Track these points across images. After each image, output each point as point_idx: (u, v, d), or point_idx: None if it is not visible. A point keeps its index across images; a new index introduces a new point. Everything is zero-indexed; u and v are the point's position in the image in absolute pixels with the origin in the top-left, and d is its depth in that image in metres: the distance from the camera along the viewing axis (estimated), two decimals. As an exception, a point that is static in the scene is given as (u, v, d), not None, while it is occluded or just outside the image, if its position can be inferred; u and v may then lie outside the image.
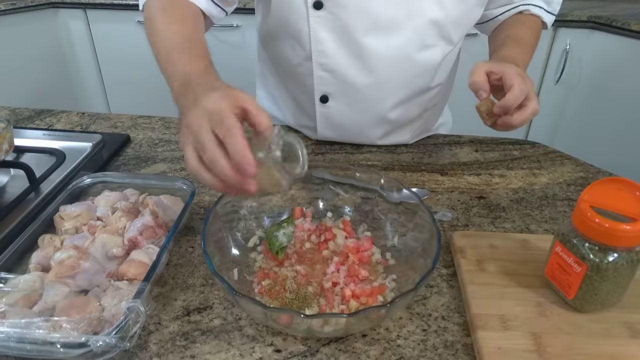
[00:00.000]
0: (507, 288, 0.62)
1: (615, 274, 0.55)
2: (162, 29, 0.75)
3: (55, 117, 1.13)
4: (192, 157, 0.54)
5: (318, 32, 0.87)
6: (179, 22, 0.76)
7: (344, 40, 0.87)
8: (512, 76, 0.70)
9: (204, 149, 0.52)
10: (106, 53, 2.35)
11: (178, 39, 0.72)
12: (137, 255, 0.65)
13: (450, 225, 0.78)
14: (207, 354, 0.57)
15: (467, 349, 0.57)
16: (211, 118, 0.53)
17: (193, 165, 0.54)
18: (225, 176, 0.52)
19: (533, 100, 0.72)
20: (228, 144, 0.51)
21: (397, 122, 0.97)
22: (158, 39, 0.74)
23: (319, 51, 0.89)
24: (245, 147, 0.50)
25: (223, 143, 0.52)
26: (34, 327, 0.53)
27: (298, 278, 0.65)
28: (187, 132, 0.55)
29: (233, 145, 0.51)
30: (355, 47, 0.87)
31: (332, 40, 0.87)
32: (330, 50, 0.88)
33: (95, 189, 0.80)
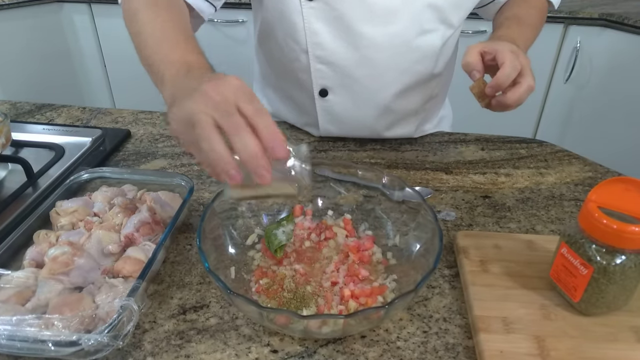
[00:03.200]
0: (510, 290, 0.61)
1: (623, 277, 0.53)
2: (148, 20, 0.69)
3: (56, 112, 1.12)
4: (207, 120, 0.47)
5: (313, 24, 0.85)
6: (166, 13, 0.71)
7: (339, 30, 0.85)
8: (504, 53, 0.69)
9: (228, 115, 0.47)
10: (111, 48, 2.35)
11: (169, 30, 0.67)
12: (133, 252, 0.64)
13: (454, 224, 0.77)
14: (202, 354, 0.56)
15: (468, 352, 0.56)
16: (238, 93, 0.48)
17: (207, 126, 0.47)
18: (247, 147, 0.46)
19: (527, 76, 0.70)
20: (259, 122, 0.47)
21: (400, 113, 0.96)
22: (144, 29, 0.68)
23: (315, 43, 0.87)
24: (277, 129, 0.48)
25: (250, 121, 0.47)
26: (25, 325, 0.52)
27: (296, 277, 0.64)
28: (203, 99, 0.48)
29: (266, 122, 0.47)
30: (351, 37, 0.85)
31: (327, 32, 0.86)
32: (326, 42, 0.87)
33: (93, 184, 0.79)
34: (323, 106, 0.95)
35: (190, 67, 0.58)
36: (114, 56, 2.37)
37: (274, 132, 0.47)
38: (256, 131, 0.47)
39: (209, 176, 0.87)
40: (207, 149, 0.48)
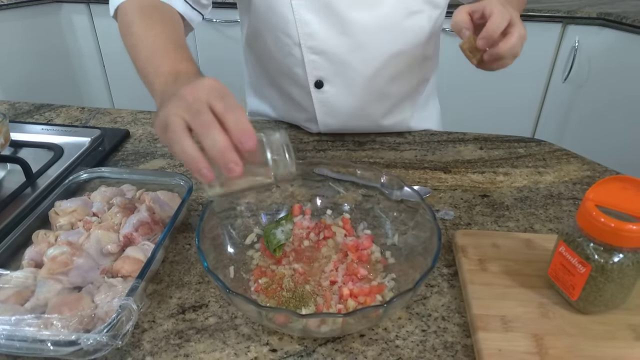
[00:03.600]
0: (509, 288, 0.61)
1: (621, 275, 0.53)
2: (142, 32, 0.72)
3: (55, 112, 1.12)
4: (177, 122, 0.49)
5: (303, 15, 0.86)
6: (159, 25, 0.74)
7: (329, 19, 0.86)
8: (492, 6, 0.68)
9: (198, 114, 0.48)
10: (110, 48, 2.35)
11: (160, 42, 0.69)
12: (132, 251, 0.64)
13: (452, 223, 0.77)
14: (201, 353, 0.56)
15: (467, 350, 0.56)
16: (211, 93, 0.50)
17: (177, 129, 0.49)
18: (216, 143, 0.47)
19: (517, 25, 0.69)
20: (229, 117, 0.48)
21: (395, 97, 0.97)
22: (139, 41, 0.71)
23: (306, 34, 0.88)
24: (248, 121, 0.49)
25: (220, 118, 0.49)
26: (24, 325, 0.52)
27: (295, 276, 0.64)
28: (177, 102, 0.50)
29: (236, 117, 0.48)
30: (341, 24, 0.86)
31: (318, 22, 0.86)
32: (317, 31, 0.87)
33: (92, 184, 0.79)
34: (320, 98, 0.95)
35: (178, 75, 0.60)
36: (113, 56, 2.37)
37: (243, 126, 0.48)
38: (225, 127, 0.48)
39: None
40: (179, 151, 0.49)
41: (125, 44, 0.75)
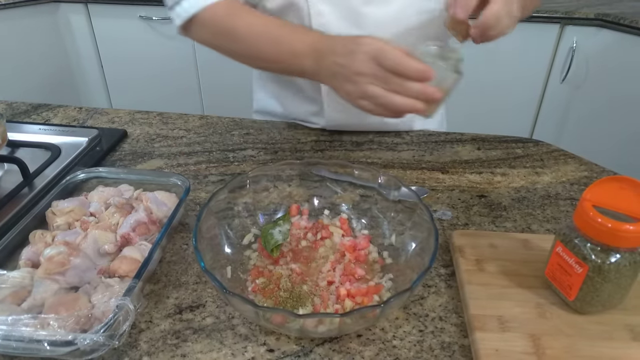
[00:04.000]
0: (506, 288, 0.61)
1: (618, 275, 0.53)
2: (248, 25, 0.79)
3: (52, 112, 1.12)
4: (381, 91, 0.65)
5: (317, 5, 0.86)
6: (256, 14, 0.81)
7: (343, 11, 0.86)
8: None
9: (388, 80, 0.64)
10: (108, 48, 2.35)
11: (273, 27, 0.79)
12: (129, 251, 0.64)
13: (450, 224, 0.77)
14: (198, 353, 0.56)
15: (464, 351, 0.56)
16: (376, 56, 0.64)
17: (385, 96, 0.65)
18: (417, 89, 0.63)
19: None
20: (402, 67, 0.63)
21: None
22: (249, 33, 0.79)
23: (320, 25, 0.87)
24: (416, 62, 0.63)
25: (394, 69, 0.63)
26: (21, 325, 0.52)
27: (293, 276, 0.64)
28: (360, 78, 0.66)
29: (407, 65, 0.63)
30: (355, 18, 0.86)
31: (331, 12, 0.87)
32: (331, 22, 0.87)
33: (89, 184, 0.79)
34: (329, 91, 0.94)
35: (317, 48, 0.73)
36: (111, 56, 2.37)
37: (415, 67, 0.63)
38: (403, 73, 0.64)
39: (206, 176, 0.87)
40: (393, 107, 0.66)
41: (228, 39, 0.82)
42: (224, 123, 1.07)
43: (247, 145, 0.98)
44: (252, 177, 0.72)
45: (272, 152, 0.96)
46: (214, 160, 0.92)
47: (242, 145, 0.98)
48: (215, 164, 0.91)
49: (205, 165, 0.91)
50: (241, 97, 2.36)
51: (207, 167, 0.90)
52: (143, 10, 2.16)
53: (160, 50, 2.27)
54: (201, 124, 1.06)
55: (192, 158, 0.93)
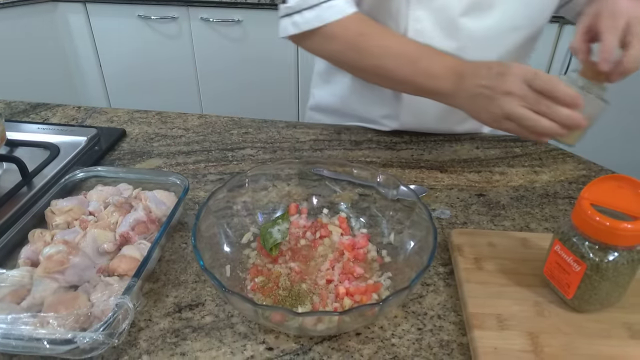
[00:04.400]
0: (504, 287, 0.61)
1: (615, 274, 0.53)
2: (384, 45, 0.80)
3: (51, 111, 1.12)
4: (528, 113, 0.66)
5: (417, 10, 0.85)
6: (390, 33, 0.81)
7: (440, 20, 0.85)
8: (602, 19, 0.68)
9: (537, 102, 0.65)
10: (107, 47, 2.34)
11: (409, 48, 0.79)
12: (128, 250, 0.64)
13: (448, 222, 0.77)
14: (197, 352, 0.56)
15: (462, 349, 0.56)
16: (525, 77, 0.66)
17: (533, 118, 0.66)
18: (565, 114, 0.64)
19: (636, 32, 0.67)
20: (554, 90, 0.64)
21: None
22: (385, 54, 0.80)
23: (415, 30, 0.86)
24: (567, 87, 0.64)
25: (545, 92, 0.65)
26: (20, 323, 0.52)
27: (292, 275, 0.64)
28: (509, 98, 0.67)
29: (559, 89, 0.64)
30: (451, 28, 0.86)
31: (429, 19, 0.85)
32: (427, 29, 0.86)
33: (88, 183, 0.79)
34: (410, 96, 0.93)
35: (460, 72, 0.74)
36: (109, 55, 2.36)
37: (566, 93, 0.64)
38: (554, 97, 0.64)
39: (205, 175, 0.87)
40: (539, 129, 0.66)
41: (360, 56, 0.81)
42: (222, 122, 1.07)
43: (245, 144, 0.98)
44: (251, 176, 0.72)
45: (271, 151, 0.96)
46: (213, 160, 0.93)
47: (241, 145, 0.98)
48: (214, 163, 0.91)
49: (204, 164, 0.91)
50: (240, 97, 2.36)
51: (206, 166, 0.90)
52: (142, 10, 2.16)
53: (159, 49, 2.27)
54: (200, 123, 1.06)
55: (191, 157, 0.93)
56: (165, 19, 2.17)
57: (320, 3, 0.80)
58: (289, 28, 0.85)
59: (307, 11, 0.81)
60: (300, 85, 2.27)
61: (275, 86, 2.29)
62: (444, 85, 0.75)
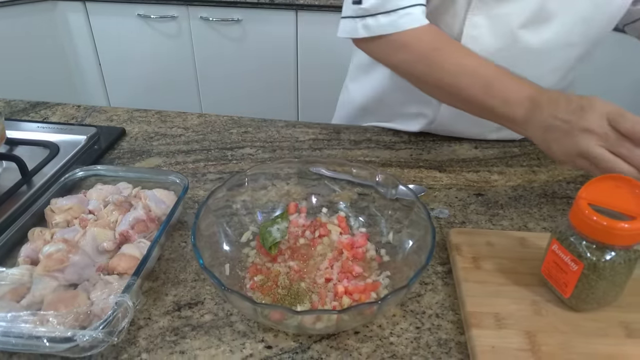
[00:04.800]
0: (502, 286, 0.61)
1: (612, 273, 0.54)
2: (458, 64, 0.75)
3: (51, 110, 1.12)
4: (607, 154, 0.62)
5: (475, 15, 0.83)
6: (464, 51, 0.77)
7: (499, 28, 0.83)
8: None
9: (618, 144, 0.61)
10: (106, 46, 2.34)
11: (485, 70, 0.74)
12: (128, 249, 0.64)
13: (447, 222, 0.77)
14: (196, 350, 0.56)
15: (460, 347, 0.56)
16: (609, 115, 0.62)
17: (611, 160, 0.61)
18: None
19: None
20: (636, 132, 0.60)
21: None
22: (458, 72, 0.75)
23: (470, 37, 0.84)
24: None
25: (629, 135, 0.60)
26: (20, 321, 0.52)
27: (291, 274, 0.64)
28: (587, 136, 0.63)
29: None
30: (508, 38, 0.84)
31: (487, 27, 0.83)
32: (483, 36, 0.84)
33: (88, 182, 0.79)
34: None
35: (537, 101, 0.69)
36: (109, 54, 2.36)
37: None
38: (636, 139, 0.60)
39: (204, 174, 0.88)
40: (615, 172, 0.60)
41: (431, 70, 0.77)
42: (222, 121, 1.07)
43: (245, 143, 0.98)
44: (250, 175, 0.72)
45: (270, 150, 0.96)
46: (213, 159, 0.93)
47: (241, 144, 0.98)
48: (213, 162, 0.92)
49: (204, 163, 0.91)
50: (240, 96, 2.36)
51: (206, 165, 0.91)
52: (141, 9, 2.16)
53: (159, 48, 2.27)
54: (199, 122, 1.06)
55: (190, 156, 0.93)
56: (165, 18, 2.17)
57: (397, 9, 0.77)
58: (359, 30, 0.81)
59: (383, 16, 0.78)
60: (300, 85, 2.28)
61: (275, 85, 2.29)
62: (517, 112, 0.70)
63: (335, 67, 2.16)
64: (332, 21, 2.05)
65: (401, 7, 0.77)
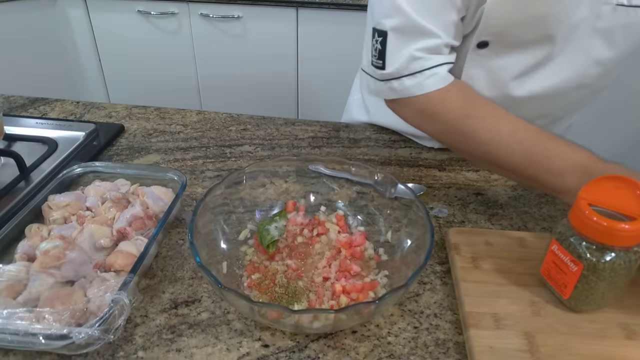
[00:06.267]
0: (501, 286, 0.61)
1: (612, 274, 0.53)
2: (495, 131, 0.69)
3: (50, 106, 1.11)
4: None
5: (472, 68, 0.80)
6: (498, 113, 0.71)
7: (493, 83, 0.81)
8: None
9: None
10: (106, 43, 2.34)
11: (524, 136, 0.68)
12: (125, 246, 0.64)
13: (446, 221, 0.77)
14: (193, 348, 0.56)
15: (458, 348, 0.56)
16: None
17: None
18: None
19: None
20: None
21: None
22: (494, 141, 0.69)
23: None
24: None
25: None
26: (16, 318, 0.52)
27: (288, 272, 0.64)
28: None
29: None
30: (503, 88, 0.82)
31: (483, 79, 0.81)
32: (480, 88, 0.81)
33: (86, 178, 0.79)
34: None
35: (590, 169, 0.62)
36: (109, 51, 2.36)
37: None
38: None
39: (203, 172, 0.87)
40: None
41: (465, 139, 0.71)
42: (221, 119, 1.06)
43: (244, 141, 0.98)
44: (248, 173, 0.72)
45: (269, 148, 0.96)
46: (211, 156, 0.92)
47: (239, 141, 0.98)
48: (212, 160, 0.91)
49: (202, 160, 0.91)
50: (239, 93, 2.36)
51: (204, 163, 0.90)
52: (141, 5, 2.16)
53: (159, 45, 2.26)
54: (198, 119, 1.06)
55: (189, 153, 0.93)
56: (165, 14, 2.17)
57: (422, 70, 0.72)
58: (386, 92, 0.76)
59: (407, 78, 0.73)
60: (300, 82, 2.27)
61: (275, 83, 2.28)
62: (570, 181, 0.63)
63: (335, 65, 2.16)
64: (332, 18, 2.05)
65: (427, 68, 0.72)
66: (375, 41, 0.74)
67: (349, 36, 2.05)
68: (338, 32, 2.07)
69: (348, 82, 1.27)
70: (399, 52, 0.72)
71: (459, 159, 0.94)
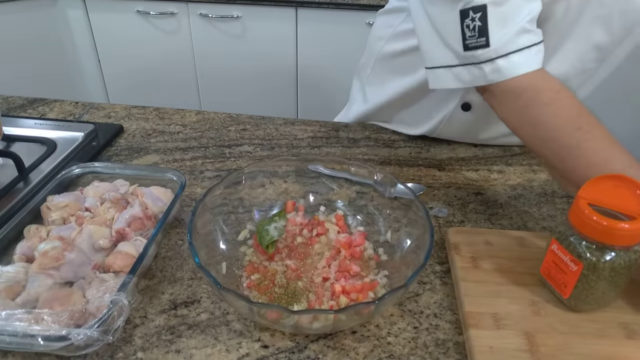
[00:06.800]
0: (501, 286, 0.61)
1: (612, 274, 0.53)
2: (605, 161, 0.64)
3: (48, 106, 1.11)
4: None
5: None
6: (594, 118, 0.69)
7: None
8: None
9: None
10: (105, 43, 2.34)
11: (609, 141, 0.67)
12: (124, 247, 0.64)
13: (446, 221, 0.77)
14: (192, 349, 0.56)
15: (458, 348, 0.56)
16: None
17: None
18: None
19: None
20: None
21: None
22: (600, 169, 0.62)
23: None
24: None
25: None
26: (14, 319, 0.52)
27: (288, 272, 0.64)
28: None
29: None
30: None
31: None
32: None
33: (85, 179, 0.79)
34: (460, 118, 0.92)
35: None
36: (108, 51, 2.36)
37: None
38: None
39: (202, 172, 0.87)
40: None
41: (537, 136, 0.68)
42: (220, 119, 1.06)
43: (243, 141, 0.98)
44: (248, 173, 0.72)
45: (268, 148, 0.95)
46: (210, 156, 0.92)
47: (239, 141, 0.98)
48: (211, 160, 0.91)
49: (202, 160, 0.91)
50: (239, 93, 2.36)
51: (203, 163, 0.90)
52: (141, 5, 2.16)
53: (158, 45, 2.26)
54: (198, 119, 1.06)
55: (188, 153, 0.93)
56: (164, 14, 2.17)
57: (530, 45, 0.67)
58: (489, 75, 0.68)
59: (515, 55, 0.66)
60: (299, 82, 2.27)
61: (274, 83, 2.28)
62: None
63: (335, 64, 2.16)
64: (332, 18, 2.05)
65: (535, 43, 0.67)
66: (470, 20, 0.67)
67: (348, 36, 2.05)
68: (337, 31, 2.07)
69: (347, 81, 1.27)
70: (505, 25, 0.66)
71: (459, 158, 0.94)
